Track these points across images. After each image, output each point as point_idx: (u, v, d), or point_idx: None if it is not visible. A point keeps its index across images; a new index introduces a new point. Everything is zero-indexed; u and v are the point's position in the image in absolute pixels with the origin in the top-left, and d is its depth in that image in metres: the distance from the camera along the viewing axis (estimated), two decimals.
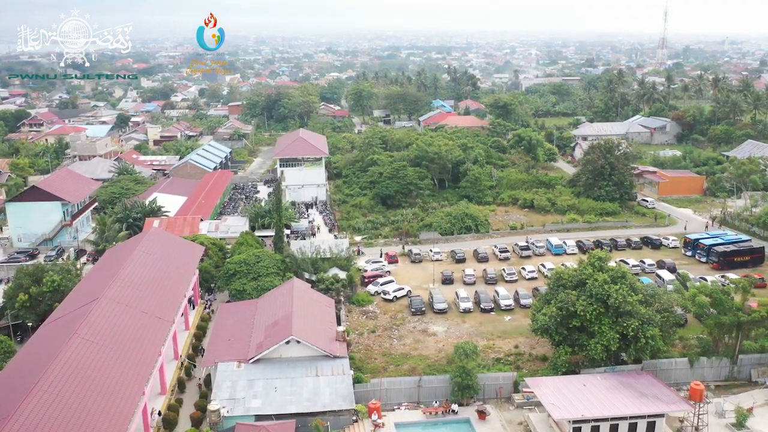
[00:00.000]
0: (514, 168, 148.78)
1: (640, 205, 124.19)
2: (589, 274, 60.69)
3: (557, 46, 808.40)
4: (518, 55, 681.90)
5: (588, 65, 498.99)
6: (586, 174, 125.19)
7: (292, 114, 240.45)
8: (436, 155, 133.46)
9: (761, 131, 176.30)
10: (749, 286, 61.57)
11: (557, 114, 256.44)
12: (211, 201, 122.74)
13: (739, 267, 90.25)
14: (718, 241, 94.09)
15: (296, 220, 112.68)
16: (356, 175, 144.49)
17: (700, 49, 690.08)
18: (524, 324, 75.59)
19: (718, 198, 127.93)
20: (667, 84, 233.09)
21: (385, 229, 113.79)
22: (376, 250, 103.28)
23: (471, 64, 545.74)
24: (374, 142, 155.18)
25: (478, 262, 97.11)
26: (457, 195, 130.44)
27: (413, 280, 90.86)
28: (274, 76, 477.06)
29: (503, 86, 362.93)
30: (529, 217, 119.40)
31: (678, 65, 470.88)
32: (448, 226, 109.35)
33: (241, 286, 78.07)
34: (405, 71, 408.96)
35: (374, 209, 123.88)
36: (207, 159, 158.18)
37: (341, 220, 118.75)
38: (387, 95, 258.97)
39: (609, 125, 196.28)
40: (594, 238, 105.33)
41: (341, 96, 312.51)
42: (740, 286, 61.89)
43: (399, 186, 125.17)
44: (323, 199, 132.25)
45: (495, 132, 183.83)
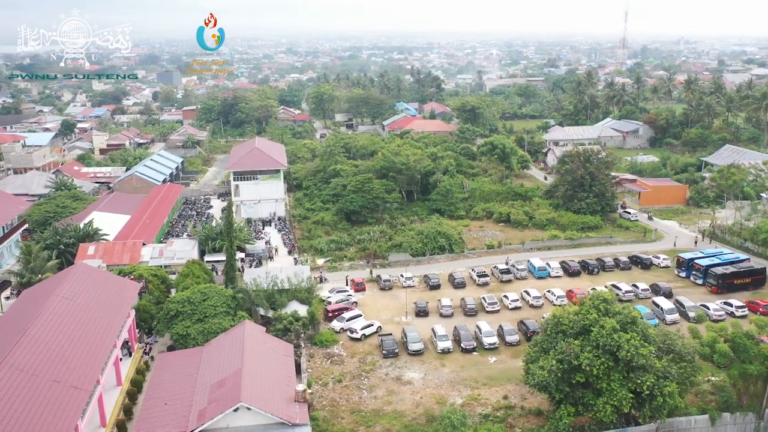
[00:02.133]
0: (487, 177, 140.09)
1: (622, 217, 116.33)
2: (594, 320, 51.41)
3: (518, 46, 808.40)
4: (479, 56, 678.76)
5: (550, 65, 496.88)
6: (565, 185, 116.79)
7: (249, 119, 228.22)
8: (403, 166, 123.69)
9: (736, 134, 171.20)
10: None
11: (524, 116, 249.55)
12: (157, 220, 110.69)
13: (739, 290, 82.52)
14: (714, 261, 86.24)
15: (252, 241, 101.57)
16: (318, 187, 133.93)
17: (657, 49, 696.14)
18: (512, 366, 66.40)
19: (702, 208, 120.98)
20: (636, 85, 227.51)
21: (351, 249, 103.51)
22: (340, 276, 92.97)
23: (433, 65, 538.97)
24: (336, 151, 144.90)
25: (455, 288, 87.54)
26: (428, 208, 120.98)
27: (383, 312, 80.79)
28: (233, 77, 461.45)
29: (467, 87, 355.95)
30: (506, 232, 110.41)
31: (639, 65, 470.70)
32: (419, 246, 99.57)
33: (184, 330, 66.93)
34: (367, 72, 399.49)
35: (338, 226, 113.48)
36: (155, 170, 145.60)
37: (302, 240, 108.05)
38: (349, 98, 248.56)
39: (581, 129, 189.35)
40: (578, 257, 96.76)
41: (302, 99, 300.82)
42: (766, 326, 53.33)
43: (364, 200, 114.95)
44: (282, 214, 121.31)
45: (464, 138, 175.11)
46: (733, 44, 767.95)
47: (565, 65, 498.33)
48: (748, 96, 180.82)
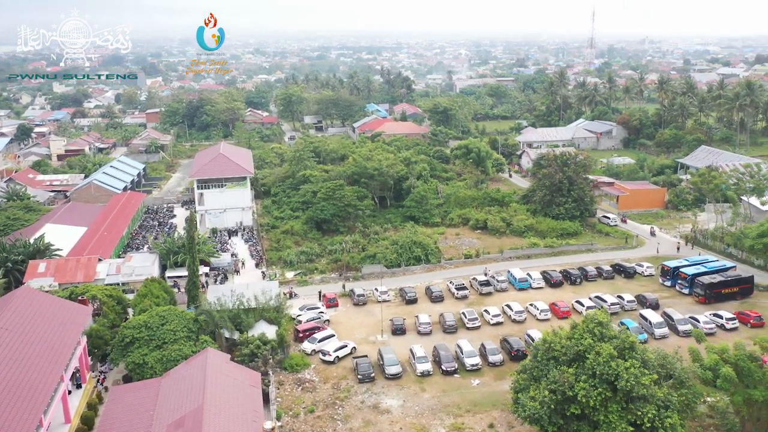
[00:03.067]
0: (461, 181, 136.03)
1: (601, 222, 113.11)
2: (589, 346, 47.23)
3: (486, 46, 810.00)
4: (448, 55, 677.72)
5: (519, 65, 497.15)
6: (543, 190, 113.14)
7: (215, 122, 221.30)
8: (376, 171, 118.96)
9: (709, 135, 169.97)
10: None
11: (496, 117, 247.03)
12: (116, 232, 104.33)
13: (726, 299, 79.44)
14: (700, 269, 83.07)
15: (216, 254, 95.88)
16: (287, 194, 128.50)
17: (622, 48, 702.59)
18: (496, 390, 62.14)
19: (681, 211, 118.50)
20: (608, 85, 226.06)
21: (322, 261, 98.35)
22: (312, 290, 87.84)
23: (402, 65, 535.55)
24: (306, 155, 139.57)
25: (433, 302, 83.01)
26: (402, 215, 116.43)
27: (358, 331, 75.92)
28: (199, 78, 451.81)
29: (437, 88, 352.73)
30: (483, 240, 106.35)
31: (607, 65, 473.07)
32: (394, 256, 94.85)
33: (140, 358, 61.32)
34: (336, 73, 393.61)
35: (308, 236, 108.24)
36: (115, 177, 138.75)
37: (270, 251, 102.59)
38: (318, 100, 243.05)
39: (554, 130, 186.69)
40: (559, 266, 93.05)
41: (270, 100, 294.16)
42: None
43: (336, 208, 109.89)
44: (249, 224, 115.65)
45: (436, 140, 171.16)
46: (697, 44, 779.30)
47: (533, 65, 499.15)
48: (721, 96, 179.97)
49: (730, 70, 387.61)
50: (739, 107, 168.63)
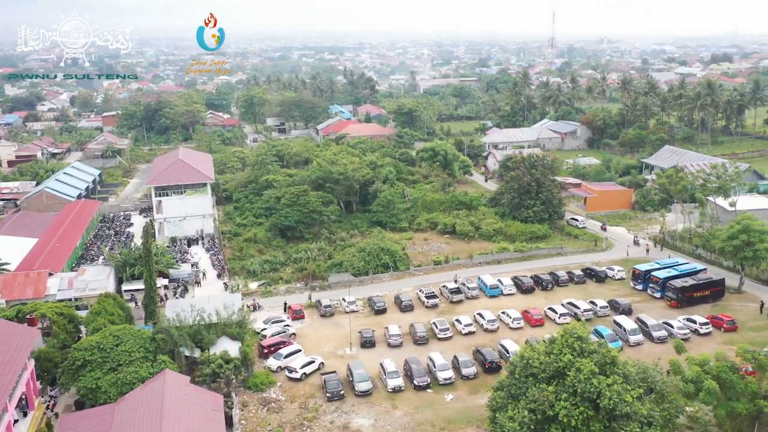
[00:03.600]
0: (428, 184, 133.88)
1: (569, 224, 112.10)
2: (569, 362, 45.13)
3: (448, 46, 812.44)
4: (411, 55, 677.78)
5: (482, 65, 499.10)
6: (511, 193, 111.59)
7: (175, 125, 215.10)
8: (341, 176, 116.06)
9: (671, 134, 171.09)
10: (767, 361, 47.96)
11: (461, 118, 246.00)
12: (69, 243, 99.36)
13: (699, 303, 78.64)
14: (672, 272, 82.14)
15: (176, 265, 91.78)
16: (249, 200, 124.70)
17: (582, 48, 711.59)
18: (471, 405, 59.88)
19: (648, 212, 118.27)
20: (571, 85, 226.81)
21: (287, 270, 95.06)
22: (276, 301, 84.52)
23: (365, 65, 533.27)
24: (268, 159, 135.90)
25: (402, 311, 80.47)
26: (368, 221, 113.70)
27: (325, 344, 72.96)
28: (158, 80, 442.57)
29: (401, 88, 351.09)
30: (452, 245, 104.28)
31: (567, 64, 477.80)
32: (361, 264, 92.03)
33: (93, 383, 57.29)
34: (298, 73, 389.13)
35: (272, 243, 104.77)
36: (69, 185, 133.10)
37: (232, 260, 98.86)
38: (281, 101, 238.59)
39: (519, 131, 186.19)
40: (530, 270, 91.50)
41: (231, 102, 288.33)
42: (756, 360, 48.21)
43: (300, 215, 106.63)
44: (210, 231, 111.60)
45: (402, 142, 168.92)
46: (653, 43, 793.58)
47: (495, 65, 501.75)
48: (682, 96, 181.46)
49: (688, 70, 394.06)
50: (700, 107, 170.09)
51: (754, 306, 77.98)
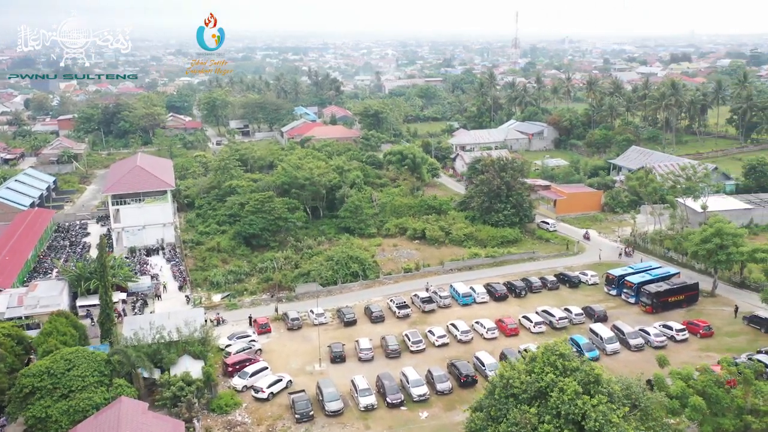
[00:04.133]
0: (396, 188, 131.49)
1: (540, 228, 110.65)
2: (551, 382, 42.88)
3: (412, 46, 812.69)
4: (375, 56, 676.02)
5: (446, 65, 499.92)
6: (481, 196, 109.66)
7: (134, 128, 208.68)
8: (307, 181, 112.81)
9: (637, 134, 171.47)
10: (753, 374, 46.40)
11: (427, 119, 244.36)
12: (20, 255, 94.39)
13: (673, 308, 77.52)
14: (645, 277, 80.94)
15: (135, 278, 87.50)
16: (212, 207, 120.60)
17: (544, 48, 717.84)
18: (446, 423, 57.47)
19: (618, 214, 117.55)
20: (537, 86, 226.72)
21: (252, 280, 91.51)
22: (241, 314, 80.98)
23: (330, 66, 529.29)
24: (231, 164, 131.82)
25: (373, 323, 77.67)
26: (336, 227, 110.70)
27: (293, 360, 69.79)
28: (117, 82, 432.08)
29: (366, 89, 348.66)
30: (422, 250, 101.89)
31: (531, 64, 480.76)
32: (330, 273, 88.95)
33: (43, 411, 53.25)
34: (261, 74, 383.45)
35: (236, 252, 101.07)
36: (21, 193, 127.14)
37: (195, 271, 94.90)
38: (244, 103, 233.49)
39: (486, 132, 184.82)
40: (502, 277, 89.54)
41: (193, 104, 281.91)
42: (741, 374, 46.61)
43: (265, 222, 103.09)
44: (171, 241, 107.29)
45: (368, 145, 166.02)
46: (613, 43, 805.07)
47: (460, 65, 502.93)
48: (647, 96, 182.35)
49: (649, 69, 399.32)
50: (665, 107, 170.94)
51: (728, 310, 77.11)
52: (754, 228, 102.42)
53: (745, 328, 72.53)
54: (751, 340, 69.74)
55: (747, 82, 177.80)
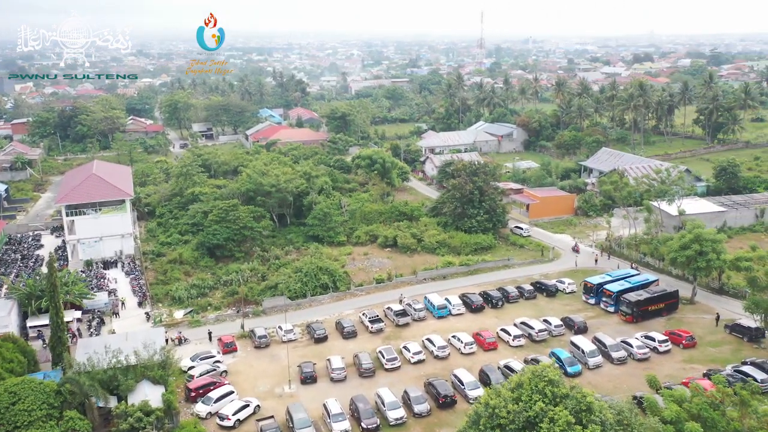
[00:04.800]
0: (366, 193, 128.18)
1: (513, 233, 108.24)
2: (541, 411, 39.87)
3: (377, 46, 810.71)
4: (341, 56, 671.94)
5: (412, 65, 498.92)
6: (453, 202, 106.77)
7: (92, 132, 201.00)
8: (273, 188, 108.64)
9: (606, 135, 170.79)
10: (750, 395, 44.00)
11: (394, 120, 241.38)
12: None
13: (653, 316, 75.49)
14: (625, 285, 78.78)
15: (90, 295, 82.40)
16: (174, 215, 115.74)
17: (508, 48, 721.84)
18: None
19: (591, 217, 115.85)
20: (505, 87, 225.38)
21: (216, 294, 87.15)
22: (205, 332, 76.55)
23: (295, 66, 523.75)
24: (194, 170, 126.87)
25: (345, 338, 74.02)
26: (304, 235, 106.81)
27: (261, 382, 65.78)
28: (76, 83, 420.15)
29: (332, 90, 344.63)
30: (394, 259, 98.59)
31: (496, 64, 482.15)
32: (298, 286, 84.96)
33: None
34: (225, 76, 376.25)
35: (199, 264, 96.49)
36: None
37: (155, 285, 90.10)
38: (207, 106, 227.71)
39: (456, 134, 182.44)
40: (478, 286, 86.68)
41: (154, 107, 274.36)
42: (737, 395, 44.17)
43: (230, 232, 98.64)
44: (131, 252, 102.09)
45: (336, 148, 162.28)
46: (576, 43, 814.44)
47: (426, 65, 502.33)
48: (615, 97, 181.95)
49: (613, 70, 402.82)
50: (633, 107, 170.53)
51: (709, 318, 75.38)
52: (728, 231, 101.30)
53: (728, 337, 70.78)
54: (735, 350, 67.97)
55: (713, 83, 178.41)
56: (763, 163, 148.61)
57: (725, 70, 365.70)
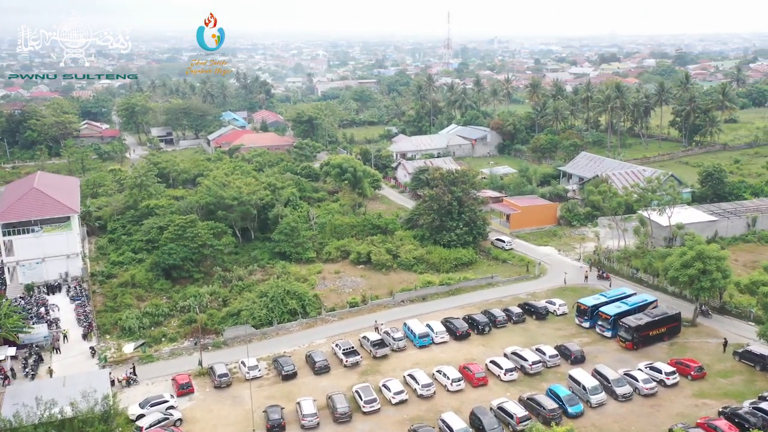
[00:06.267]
0: (335, 202, 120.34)
1: (495, 246, 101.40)
2: None
3: (343, 46, 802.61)
4: (306, 56, 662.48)
5: (379, 66, 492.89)
6: (431, 214, 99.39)
7: (43, 138, 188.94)
8: (235, 201, 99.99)
9: (582, 138, 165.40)
10: None
11: (363, 123, 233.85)
12: None
13: (655, 342, 69.10)
14: (622, 307, 72.19)
15: (27, 328, 72.93)
16: (127, 230, 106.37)
17: (474, 48, 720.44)
18: None
19: (575, 227, 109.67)
20: (477, 89, 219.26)
21: (172, 323, 78.39)
22: (158, 369, 67.86)
23: (259, 67, 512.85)
24: (149, 180, 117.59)
25: (317, 374, 65.97)
26: (269, 251, 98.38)
27: (222, 431, 57.42)
28: (30, 85, 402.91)
29: (298, 91, 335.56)
30: (368, 277, 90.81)
31: (464, 65, 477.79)
32: (264, 312, 76.59)
33: None
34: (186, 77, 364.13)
35: (154, 287, 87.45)
36: None
37: (104, 312, 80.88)
38: (167, 109, 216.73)
39: (428, 138, 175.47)
40: (461, 308, 79.49)
41: (111, 110, 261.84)
42: None
43: (187, 251, 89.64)
44: (78, 274, 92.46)
45: (303, 155, 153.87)
46: (540, 43, 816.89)
47: (392, 65, 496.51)
48: (590, 98, 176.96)
49: (582, 70, 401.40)
50: (611, 109, 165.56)
51: (714, 342, 69.23)
52: (720, 241, 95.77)
53: (738, 366, 64.59)
54: (748, 381, 61.76)
55: (689, 84, 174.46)
56: (744, 167, 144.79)
57: (691, 70, 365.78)
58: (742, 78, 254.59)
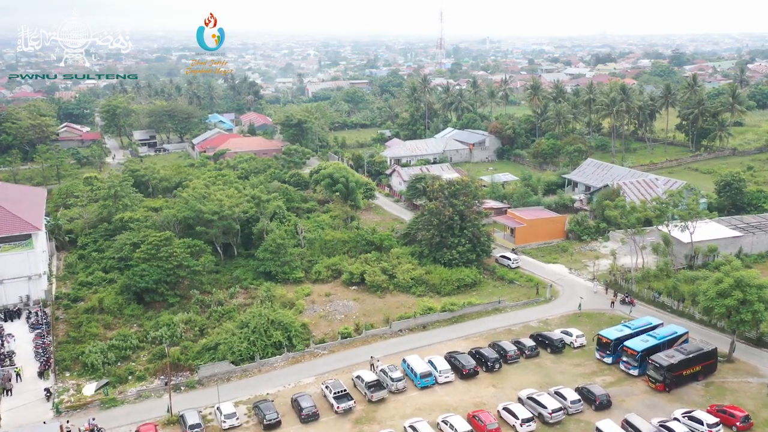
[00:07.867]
0: (326, 213, 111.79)
1: (500, 264, 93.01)
2: None
3: (334, 46, 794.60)
4: (297, 56, 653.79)
5: (371, 66, 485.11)
6: (431, 229, 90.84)
7: (19, 141, 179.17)
8: (215, 216, 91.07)
9: (587, 143, 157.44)
10: None
11: (355, 125, 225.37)
12: None
13: (688, 382, 60.90)
14: (649, 341, 63.93)
15: None
16: (98, 246, 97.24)
17: (466, 48, 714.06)
18: None
19: (585, 242, 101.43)
20: (474, 90, 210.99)
21: (141, 356, 69.58)
22: (123, 415, 59.04)
23: (249, 67, 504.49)
24: (125, 191, 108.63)
25: (303, 422, 57.31)
26: (253, 270, 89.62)
27: None
28: (14, 85, 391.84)
29: (288, 92, 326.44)
30: (362, 301, 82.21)
31: (457, 65, 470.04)
32: (244, 346, 67.83)
33: None
34: (173, 78, 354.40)
35: (124, 312, 78.58)
36: None
37: (65, 344, 71.94)
38: (151, 111, 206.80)
39: (424, 143, 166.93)
40: (466, 340, 71.08)
41: (94, 112, 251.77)
42: None
43: (162, 272, 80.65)
44: (41, 297, 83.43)
45: (292, 162, 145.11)
46: (532, 43, 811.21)
47: (384, 65, 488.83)
48: (592, 101, 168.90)
49: (577, 71, 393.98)
50: (616, 113, 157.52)
51: (755, 382, 61.12)
52: (744, 258, 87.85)
53: None
54: None
55: (697, 86, 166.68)
56: (758, 174, 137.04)
57: (688, 71, 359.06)
58: (746, 79, 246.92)
